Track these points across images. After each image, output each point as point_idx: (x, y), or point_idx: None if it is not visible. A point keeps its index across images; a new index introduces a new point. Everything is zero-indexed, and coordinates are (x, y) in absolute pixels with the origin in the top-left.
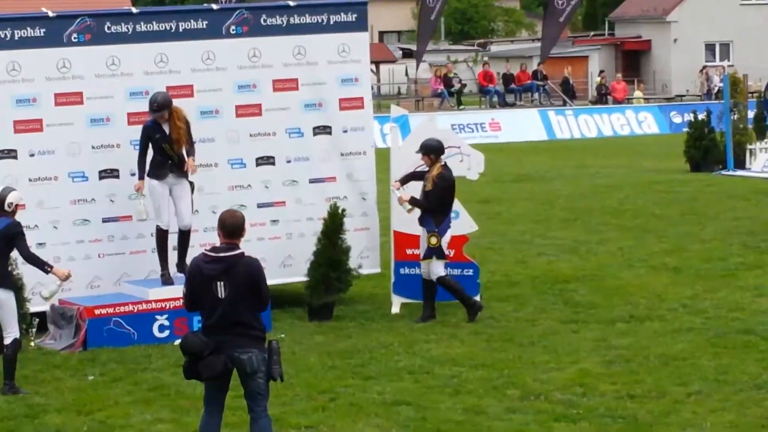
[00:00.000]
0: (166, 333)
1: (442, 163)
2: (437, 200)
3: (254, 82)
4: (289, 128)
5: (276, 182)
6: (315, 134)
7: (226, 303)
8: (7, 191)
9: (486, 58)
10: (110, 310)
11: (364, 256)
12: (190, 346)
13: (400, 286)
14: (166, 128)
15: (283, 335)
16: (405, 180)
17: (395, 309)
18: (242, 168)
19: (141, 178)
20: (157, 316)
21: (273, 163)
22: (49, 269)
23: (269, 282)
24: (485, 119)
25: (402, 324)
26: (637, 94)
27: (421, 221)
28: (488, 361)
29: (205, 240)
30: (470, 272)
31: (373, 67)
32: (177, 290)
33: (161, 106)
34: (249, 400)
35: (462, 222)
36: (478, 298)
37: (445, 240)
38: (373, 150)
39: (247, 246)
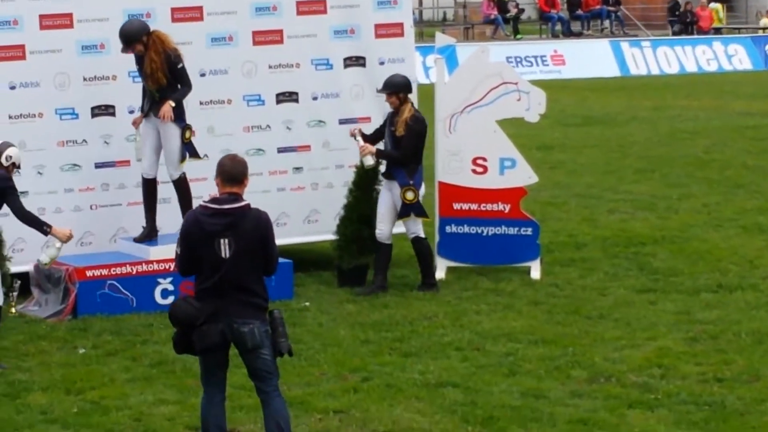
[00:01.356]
0: (170, 299)
1: (412, 103)
2: (411, 148)
3: (275, 4)
4: (316, 59)
5: (300, 122)
6: (346, 66)
7: (229, 264)
8: (5, 146)
9: None
10: (104, 272)
11: None
12: (180, 315)
13: (446, 246)
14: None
15: (307, 303)
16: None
17: (440, 274)
18: (260, 105)
19: (141, 111)
20: (160, 279)
21: (296, 100)
22: (48, 230)
23: (291, 240)
24: (547, 51)
25: (448, 292)
26: (764, 22)
27: (389, 174)
28: (550, 336)
29: (214, 190)
30: (528, 231)
31: None
32: None
33: (127, 41)
34: (256, 380)
35: (519, 172)
36: (537, 261)
37: (421, 193)
38: (415, 86)
39: (266, 198)
